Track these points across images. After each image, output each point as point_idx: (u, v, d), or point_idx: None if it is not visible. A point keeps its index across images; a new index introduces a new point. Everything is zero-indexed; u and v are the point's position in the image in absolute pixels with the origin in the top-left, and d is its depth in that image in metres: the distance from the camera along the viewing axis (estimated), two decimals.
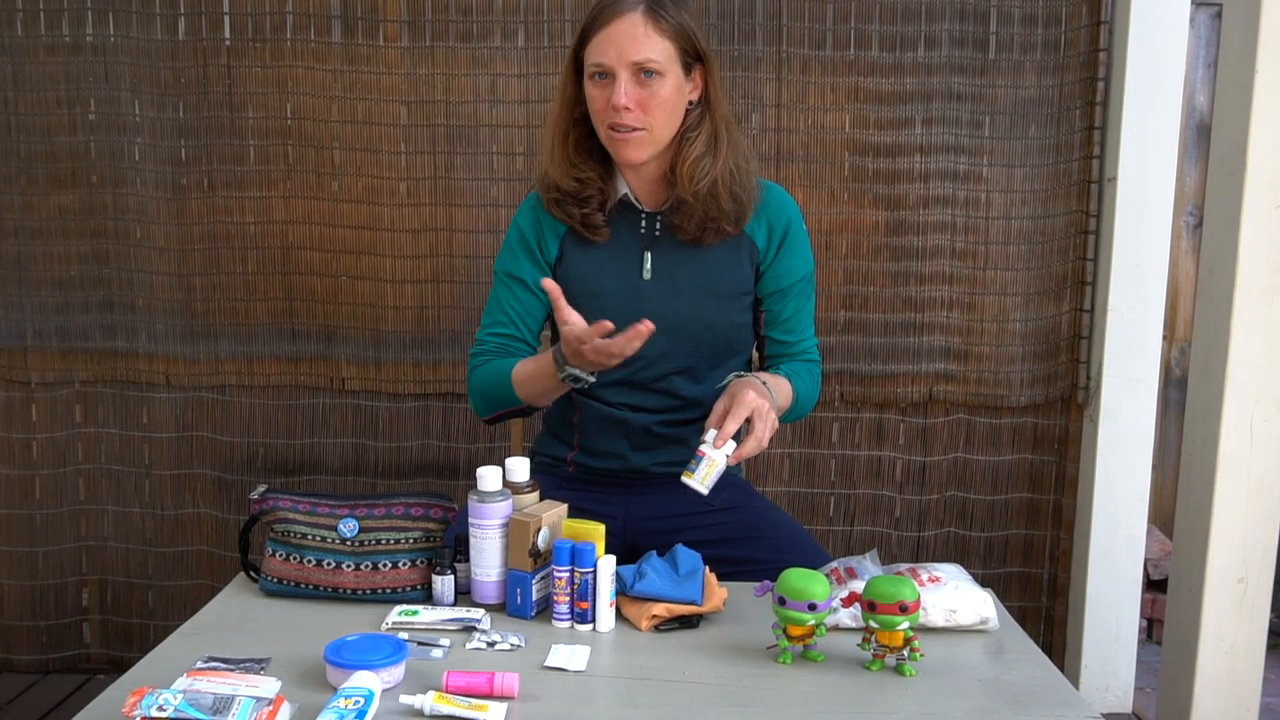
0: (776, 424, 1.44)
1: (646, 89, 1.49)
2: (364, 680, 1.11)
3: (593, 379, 1.48)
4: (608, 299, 1.59)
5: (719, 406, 1.43)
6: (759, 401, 1.41)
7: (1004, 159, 2.36)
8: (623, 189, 1.60)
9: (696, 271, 1.59)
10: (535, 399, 1.60)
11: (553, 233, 1.63)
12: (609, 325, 1.39)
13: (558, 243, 1.63)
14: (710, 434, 1.41)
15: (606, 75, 1.49)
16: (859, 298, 2.39)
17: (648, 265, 1.60)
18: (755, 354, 1.75)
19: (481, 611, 1.36)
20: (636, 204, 1.61)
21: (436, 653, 1.25)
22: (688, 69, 1.53)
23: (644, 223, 1.61)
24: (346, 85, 2.34)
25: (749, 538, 1.58)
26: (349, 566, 1.40)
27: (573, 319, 1.42)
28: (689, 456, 1.66)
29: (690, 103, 1.56)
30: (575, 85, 1.56)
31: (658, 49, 1.48)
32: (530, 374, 1.56)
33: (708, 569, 1.41)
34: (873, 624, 1.23)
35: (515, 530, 1.36)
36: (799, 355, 1.68)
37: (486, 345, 1.66)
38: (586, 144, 1.58)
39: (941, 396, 2.43)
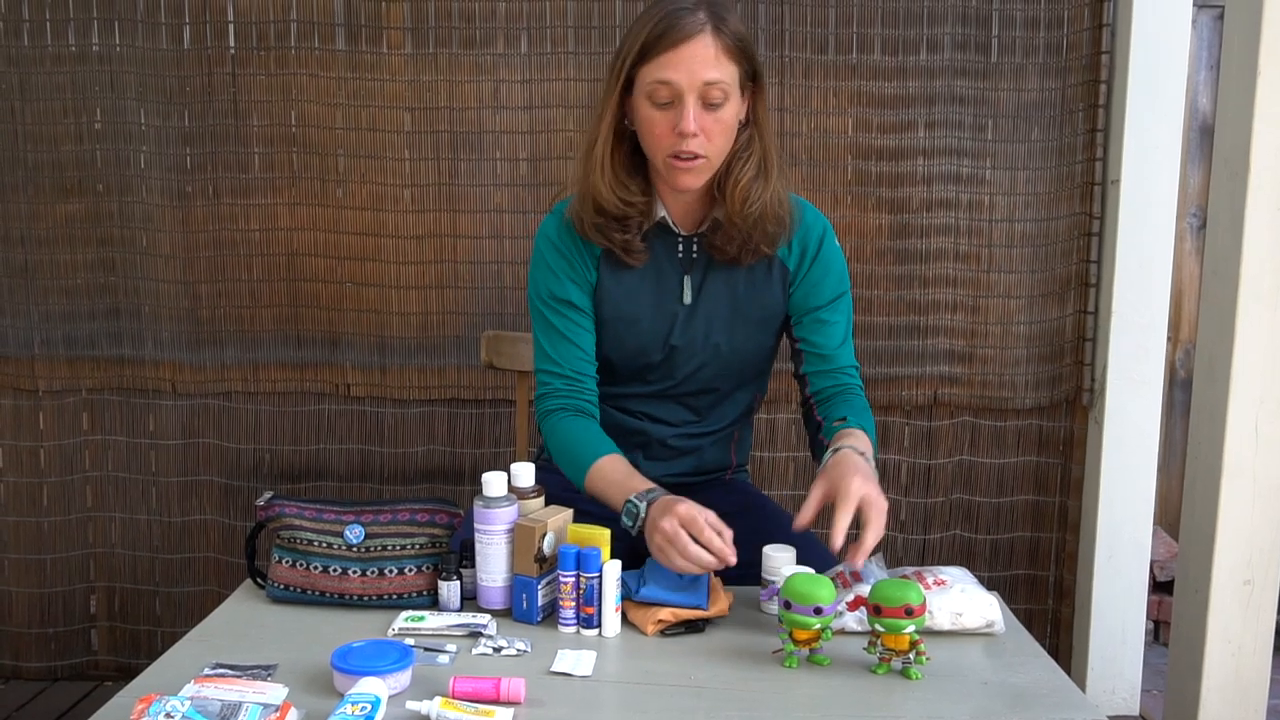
0: (885, 508, 1.39)
1: (712, 115, 1.42)
2: (370, 686, 1.11)
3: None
4: (643, 324, 1.57)
5: (816, 494, 1.38)
6: (865, 488, 1.36)
7: (1007, 162, 2.36)
8: (660, 211, 1.55)
9: (730, 297, 1.57)
10: (600, 502, 1.51)
11: (590, 254, 1.57)
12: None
13: (595, 264, 1.57)
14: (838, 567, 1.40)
15: (671, 100, 1.42)
16: (863, 301, 2.39)
17: (688, 290, 1.57)
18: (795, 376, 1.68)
19: (487, 617, 1.36)
20: (674, 227, 1.56)
21: (443, 658, 1.26)
22: (743, 89, 1.47)
23: (681, 246, 1.57)
24: (350, 92, 2.35)
25: (755, 541, 1.58)
26: (355, 573, 1.40)
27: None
28: (699, 467, 1.66)
29: (739, 122, 1.49)
30: (620, 102, 1.48)
31: (726, 72, 1.42)
32: (606, 491, 1.47)
33: (713, 573, 1.41)
34: (878, 628, 1.23)
35: (521, 535, 1.36)
36: (838, 373, 1.62)
37: (555, 387, 1.57)
38: (629, 162, 1.52)
39: (946, 399, 2.43)
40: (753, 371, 1.65)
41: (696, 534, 1.32)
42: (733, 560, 1.32)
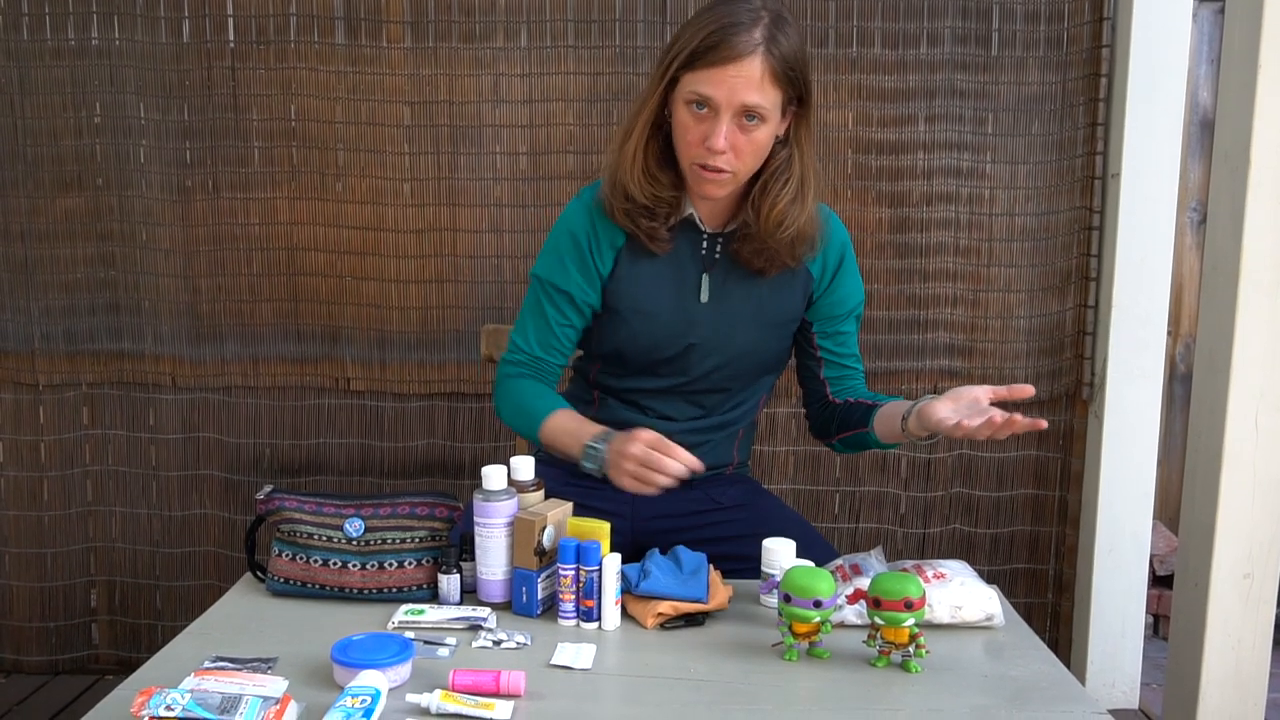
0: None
1: (745, 134, 1.42)
2: (370, 679, 1.11)
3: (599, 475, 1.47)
4: (658, 318, 1.57)
5: (947, 412, 1.38)
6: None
7: (1007, 155, 2.36)
8: (689, 209, 1.55)
9: (750, 299, 1.57)
10: (554, 452, 1.58)
11: (610, 244, 1.57)
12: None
13: (614, 255, 1.57)
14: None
15: (706, 108, 1.41)
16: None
17: (705, 288, 1.56)
18: (807, 372, 1.70)
19: (487, 610, 1.36)
20: (700, 224, 1.56)
21: (443, 651, 1.26)
22: (785, 111, 1.46)
23: (705, 243, 1.57)
24: (350, 87, 2.34)
25: (755, 535, 1.58)
26: (355, 566, 1.41)
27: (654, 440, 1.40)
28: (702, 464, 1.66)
29: (776, 138, 1.48)
30: (662, 99, 1.47)
31: (768, 97, 1.40)
32: (560, 440, 1.53)
33: (712, 566, 1.42)
34: (878, 621, 1.23)
35: (520, 529, 1.36)
36: (855, 373, 1.66)
37: (520, 358, 1.63)
38: (662, 156, 1.51)
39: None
40: (764, 371, 1.65)
41: (665, 451, 1.38)
42: (699, 465, 1.39)
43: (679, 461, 1.37)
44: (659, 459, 1.37)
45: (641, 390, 1.62)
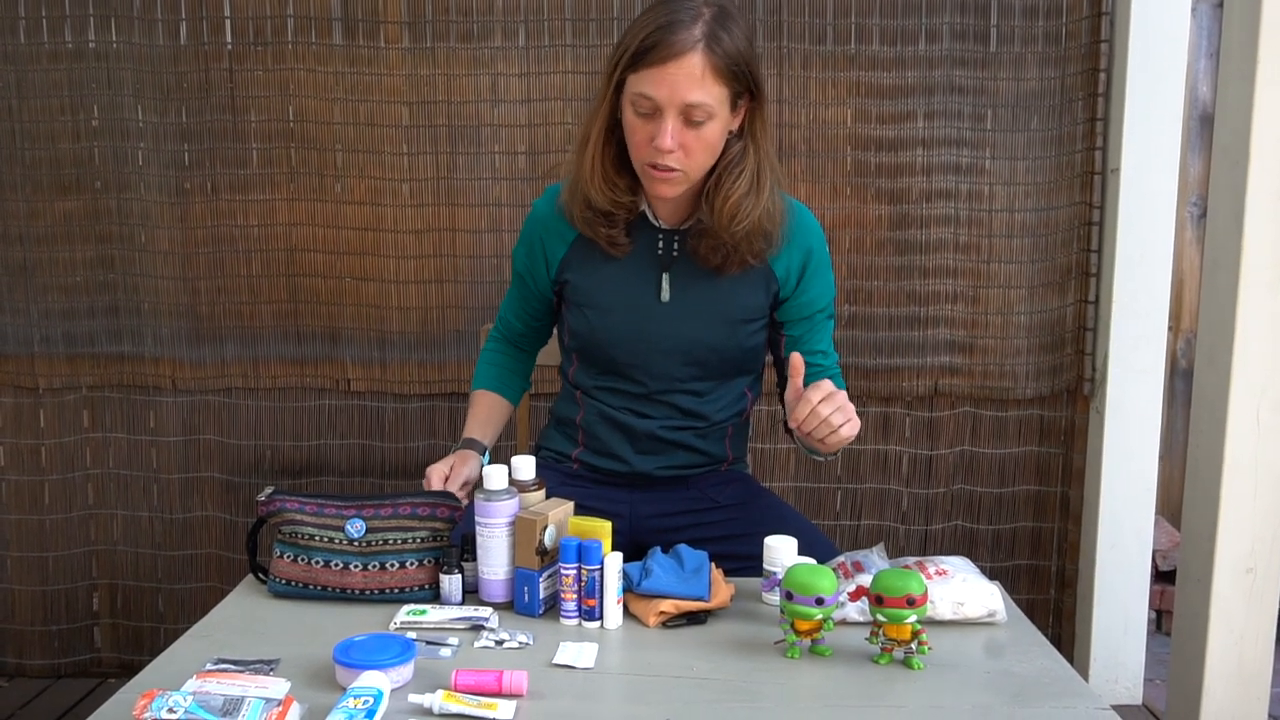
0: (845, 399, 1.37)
1: (692, 132, 1.41)
2: (373, 680, 1.11)
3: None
4: (617, 315, 1.57)
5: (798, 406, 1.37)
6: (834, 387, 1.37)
7: (1006, 152, 2.36)
8: (643, 205, 1.56)
9: (711, 296, 1.56)
10: None
11: (560, 238, 1.60)
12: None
13: (565, 249, 1.60)
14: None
15: (652, 112, 1.41)
16: (863, 292, 2.39)
17: (665, 287, 1.56)
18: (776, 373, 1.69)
19: (489, 610, 1.36)
20: (654, 221, 1.57)
21: (445, 652, 1.26)
22: (734, 104, 1.45)
23: (661, 241, 1.57)
24: (348, 87, 2.34)
25: (754, 533, 1.58)
26: (357, 567, 1.40)
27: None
28: (693, 461, 1.66)
29: (730, 133, 1.47)
30: (614, 101, 1.47)
31: (712, 94, 1.39)
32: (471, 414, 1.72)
33: (714, 565, 1.42)
34: (880, 618, 1.23)
35: (522, 528, 1.36)
36: (827, 368, 1.64)
37: (499, 329, 1.78)
38: (619, 160, 1.51)
39: (947, 390, 2.43)
40: (734, 370, 1.63)
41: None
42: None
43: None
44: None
45: (614, 390, 1.62)
